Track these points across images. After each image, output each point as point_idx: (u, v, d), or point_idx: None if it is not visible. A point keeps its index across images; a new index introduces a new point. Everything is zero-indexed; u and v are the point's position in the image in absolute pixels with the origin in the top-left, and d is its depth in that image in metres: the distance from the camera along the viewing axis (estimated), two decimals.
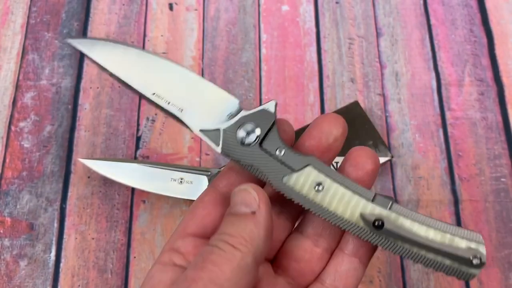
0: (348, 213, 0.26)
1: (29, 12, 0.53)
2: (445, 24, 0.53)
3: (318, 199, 0.27)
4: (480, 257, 0.25)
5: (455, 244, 0.26)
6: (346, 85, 0.50)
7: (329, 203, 0.27)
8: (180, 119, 0.28)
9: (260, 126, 0.27)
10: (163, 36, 0.52)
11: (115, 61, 0.29)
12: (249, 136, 0.27)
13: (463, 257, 0.25)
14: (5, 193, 0.46)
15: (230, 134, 0.28)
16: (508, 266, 0.43)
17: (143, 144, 0.48)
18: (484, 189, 0.46)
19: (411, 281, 0.43)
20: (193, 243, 0.27)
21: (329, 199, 0.26)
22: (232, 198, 0.26)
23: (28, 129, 0.48)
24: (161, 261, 0.27)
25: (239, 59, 0.51)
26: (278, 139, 0.27)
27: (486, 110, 0.49)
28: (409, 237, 0.26)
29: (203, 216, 0.28)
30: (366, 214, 0.26)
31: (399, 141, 0.48)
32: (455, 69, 0.51)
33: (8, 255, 0.44)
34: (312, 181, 0.27)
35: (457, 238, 0.26)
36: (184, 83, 0.29)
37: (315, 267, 0.29)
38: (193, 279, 0.23)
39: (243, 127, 0.27)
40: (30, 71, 0.51)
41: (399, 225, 0.26)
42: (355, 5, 0.54)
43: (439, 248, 0.26)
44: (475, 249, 0.25)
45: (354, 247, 0.28)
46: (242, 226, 0.24)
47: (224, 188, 0.29)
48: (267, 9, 0.54)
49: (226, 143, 0.27)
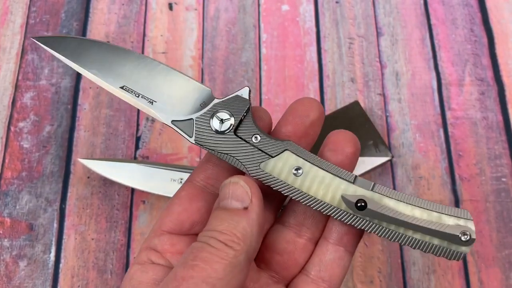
0: (329, 196, 0.26)
1: (29, 12, 0.53)
2: (445, 23, 0.53)
3: (298, 183, 0.26)
4: (469, 234, 0.25)
5: (442, 221, 0.25)
6: (346, 84, 0.50)
7: (309, 187, 0.26)
8: (151, 111, 0.27)
9: (234, 113, 0.26)
10: (163, 36, 0.52)
11: (80, 57, 0.28)
12: (223, 124, 0.26)
13: (451, 235, 0.25)
14: (5, 194, 0.46)
15: (203, 123, 0.27)
16: (509, 266, 0.43)
17: (142, 144, 0.48)
18: (484, 189, 0.46)
19: (411, 281, 0.43)
20: (170, 241, 0.26)
21: (308, 183, 0.26)
22: (222, 190, 0.25)
23: (27, 129, 0.48)
24: (139, 261, 0.26)
25: (239, 59, 0.51)
26: (254, 126, 0.27)
27: (486, 110, 0.49)
28: (394, 217, 0.25)
29: (179, 213, 0.27)
30: (347, 195, 0.25)
31: (400, 141, 0.48)
32: (455, 68, 0.51)
33: (7, 256, 0.43)
34: (290, 165, 0.26)
35: (444, 215, 0.25)
36: (154, 75, 0.28)
37: (299, 258, 0.28)
38: (183, 278, 0.22)
39: (216, 115, 0.26)
40: (30, 71, 0.50)
41: (383, 205, 0.25)
42: (355, 5, 0.54)
43: (426, 227, 0.25)
44: (464, 225, 0.25)
45: (338, 235, 0.27)
46: (233, 223, 0.23)
47: (202, 182, 0.28)
48: (267, 8, 0.54)
49: (199, 132, 0.27)
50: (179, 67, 0.51)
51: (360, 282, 0.43)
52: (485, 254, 0.44)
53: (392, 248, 0.44)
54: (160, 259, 0.26)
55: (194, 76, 0.51)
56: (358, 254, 0.44)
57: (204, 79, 0.50)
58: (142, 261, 0.26)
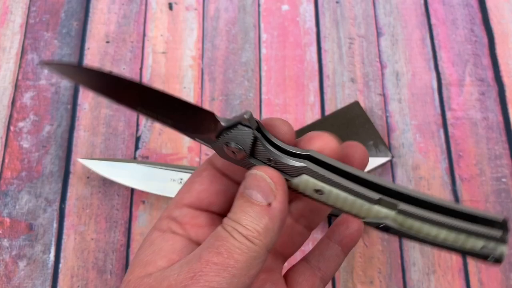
0: (355, 213, 0.26)
1: (28, 12, 0.53)
2: (445, 23, 0.53)
3: (323, 199, 0.26)
4: (497, 257, 0.25)
5: (469, 246, 0.25)
6: (346, 85, 0.50)
7: (334, 203, 0.26)
8: (175, 129, 0.28)
9: (243, 145, 0.26)
10: (163, 36, 0.52)
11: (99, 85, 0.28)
12: (237, 155, 0.26)
13: (479, 254, 0.25)
14: (4, 194, 0.45)
15: (219, 149, 0.27)
16: (509, 267, 0.43)
17: (142, 144, 0.47)
18: (485, 189, 0.46)
19: (411, 282, 0.43)
20: (190, 214, 0.28)
21: (333, 202, 0.26)
22: (248, 178, 0.26)
23: (27, 129, 0.48)
24: (160, 227, 0.27)
25: (239, 59, 0.51)
26: (266, 149, 0.26)
27: (486, 110, 0.49)
28: (419, 237, 0.25)
29: (199, 191, 0.28)
30: (369, 220, 0.26)
31: (400, 141, 0.48)
32: (455, 69, 0.51)
33: (7, 256, 0.43)
34: (310, 187, 0.26)
35: (472, 239, 0.25)
36: (166, 102, 0.28)
37: (296, 240, 0.31)
38: (207, 261, 0.24)
39: (228, 147, 0.26)
40: (29, 71, 0.50)
41: (408, 227, 0.26)
42: (355, 5, 0.54)
43: (453, 246, 0.25)
44: (492, 249, 0.25)
45: (340, 237, 0.31)
46: (257, 219, 0.25)
47: (222, 167, 0.29)
48: (267, 8, 0.54)
49: (220, 153, 0.27)
50: (179, 66, 0.51)
51: (360, 283, 0.43)
52: None
53: (392, 249, 0.44)
54: (180, 229, 0.27)
55: (194, 76, 0.50)
56: (358, 255, 0.44)
57: (204, 79, 0.50)
58: (163, 228, 0.27)
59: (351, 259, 0.43)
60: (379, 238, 0.44)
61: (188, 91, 0.50)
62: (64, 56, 0.51)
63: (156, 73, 0.50)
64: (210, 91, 0.50)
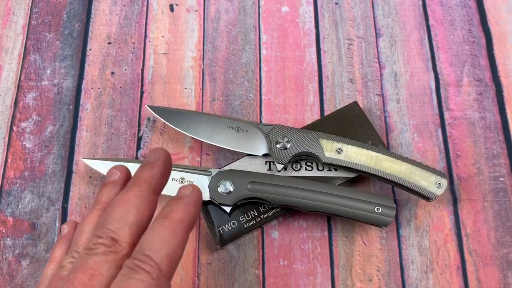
0: None
1: (31, 13, 0.54)
2: (443, 24, 0.53)
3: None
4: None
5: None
6: (345, 85, 0.51)
7: None
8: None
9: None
10: (164, 37, 0.53)
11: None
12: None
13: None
14: (7, 193, 0.46)
15: None
16: (507, 265, 0.44)
17: (144, 144, 0.48)
18: (482, 189, 0.46)
19: (410, 280, 0.43)
20: None
21: None
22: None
23: (30, 129, 0.48)
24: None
25: (239, 60, 0.52)
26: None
27: (484, 110, 0.49)
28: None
29: None
30: None
31: (398, 141, 0.48)
32: (453, 69, 0.51)
33: (10, 255, 0.44)
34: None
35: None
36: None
37: None
38: None
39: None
40: (32, 71, 0.51)
41: None
42: (354, 6, 0.54)
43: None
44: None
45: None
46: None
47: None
48: (267, 10, 0.54)
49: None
50: (179, 68, 0.51)
51: (359, 281, 0.43)
52: (483, 253, 0.44)
53: (391, 247, 0.44)
54: None
55: (195, 77, 0.51)
56: (357, 253, 0.44)
57: (205, 79, 0.51)
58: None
59: (350, 257, 0.44)
60: (378, 236, 0.45)
61: (189, 91, 0.50)
62: (66, 57, 0.51)
63: (157, 74, 0.51)
64: (211, 92, 0.50)
